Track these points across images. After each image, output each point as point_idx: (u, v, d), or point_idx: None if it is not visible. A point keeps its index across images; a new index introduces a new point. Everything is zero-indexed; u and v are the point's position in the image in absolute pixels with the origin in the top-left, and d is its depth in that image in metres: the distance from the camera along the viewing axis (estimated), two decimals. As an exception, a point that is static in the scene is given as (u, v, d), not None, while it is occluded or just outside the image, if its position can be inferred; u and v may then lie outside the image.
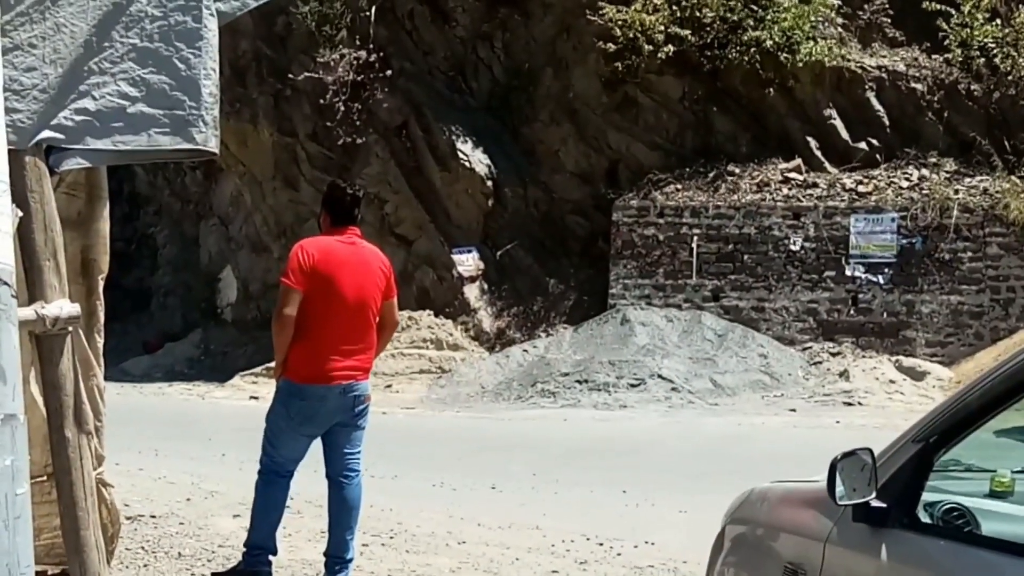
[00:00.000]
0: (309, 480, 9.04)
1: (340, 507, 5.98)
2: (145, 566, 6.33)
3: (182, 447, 10.91)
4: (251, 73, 19.25)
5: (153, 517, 7.48)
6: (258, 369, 17.37)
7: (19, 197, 2.81)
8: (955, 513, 2.95)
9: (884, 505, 2.88)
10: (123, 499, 5.55)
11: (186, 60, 3.07)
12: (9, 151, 2.65)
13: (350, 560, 5.98)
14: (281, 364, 5.95)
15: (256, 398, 15.92)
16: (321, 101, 18.48)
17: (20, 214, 2.78)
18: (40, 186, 3.00)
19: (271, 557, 5.94)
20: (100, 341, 4.31)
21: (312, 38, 18.51)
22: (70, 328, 3.13)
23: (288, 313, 5.78)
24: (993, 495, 3.23)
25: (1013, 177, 16.41)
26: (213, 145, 3.13)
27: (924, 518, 2.90)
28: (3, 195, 2.58)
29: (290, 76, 18.74)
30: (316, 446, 6.08)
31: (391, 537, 7.33)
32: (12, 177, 2.66)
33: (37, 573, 2.65)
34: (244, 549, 5.96)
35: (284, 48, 19.06)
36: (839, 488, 2.91)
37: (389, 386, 15.88)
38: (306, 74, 18.47)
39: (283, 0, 17.70)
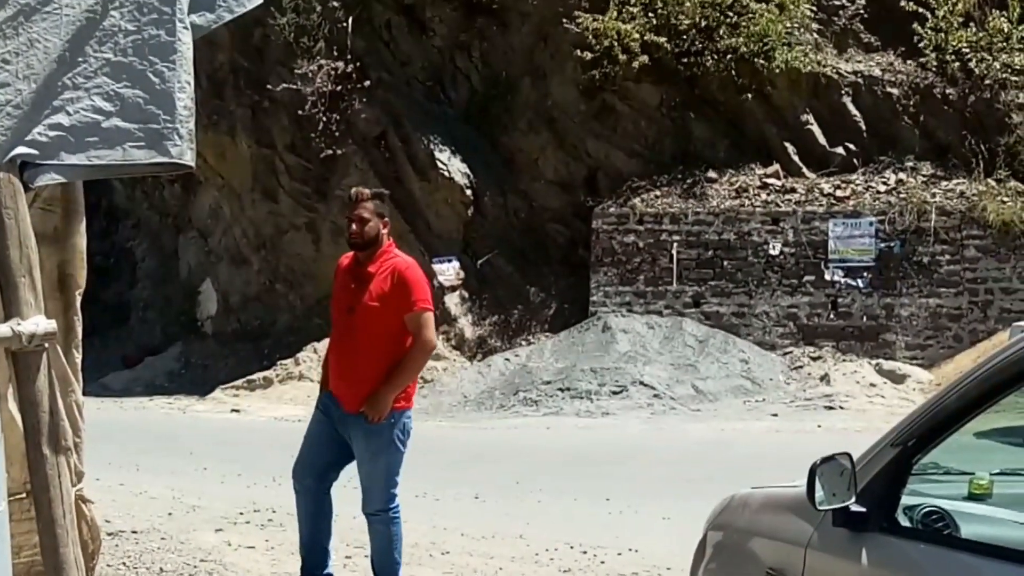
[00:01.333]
0: (289, 492, 9.05)
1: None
2: (127, 582, 6.32)
3: (163, 461, 10.86)
4: (228, 85, 19.21)
5: (134, 532, 7.45)
6: (239, 382, 17.33)
7: (-7, 213, 2.80)
8: (934, 516, 2.97)
9: (864, 509, 2.90)
10: (104, 515, 5.52)
11: (160, 74, 3.06)
12: (-17, 167, 2.64)
13: None
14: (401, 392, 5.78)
15: (237, 411, 15.88)
16: (299, 112, 18.46)
17: (-5, 230, 2.77)
18: (14, 202, 2.99)
19: None
20: (78, 356, 4.28)
21: (289, 49, 18.50)
22: (47, 344, 3.11)
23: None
24: (972, 498, 3.25)
25: (990, 180, 16.50)
26: (189, 158, 3.12)
27: (904, 522, 2.92)
28: (-23, 211, 2.58)
29: (268, 87, 18.72)
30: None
31: (348, 556, 7.31)
32: (-14, 194, 2.65)
33: (17, 592, 2.64)
34: None
35: (261, 60, 19.04)
36: (819, 493, 2.93)
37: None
38: (284, 85, 18.45)
39: (260, 12, 17.65)
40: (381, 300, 5.61)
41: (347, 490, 6.22)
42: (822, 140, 17.27)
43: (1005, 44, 16.74)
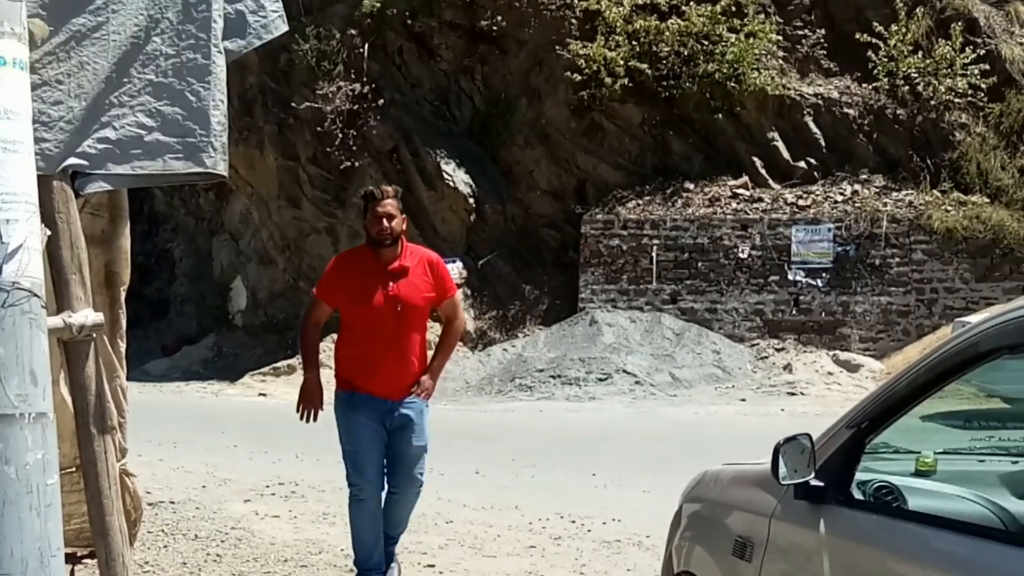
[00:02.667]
0: (311, 467, 9.05)
1: None
2: (165, 547, 6.30)
3: (198, 439, 10.88)
4: (257, 104, 19.22)
5: (172, 503, 7.47)
6: (266, 369, 17.33)
7: (47, 218, 2.79)
8: (885, 490, 2.97)
9: (822, 484, 2.90)
10: (144, 487, 5.53)
11: (197, 93, 3.06)
12: (38, 177, 2.64)
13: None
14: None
15: (264, 395, 15.89)
16: (320, 128, 18.47)
17: (48, 233, 2.77)
18: (66, 208, 2.99)
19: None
20: (123, 346, 4.28)
21: (312, 72, 18.51)
22: (94, 335, 3.11)
23: None
24: (918, 474, 3.24)
25: (935, 191, 16.54)
26: (222, 169, 3.12)
27: (857, 495, 2.91)
28: (33, 216, 2.57)
29: (292, 106, 18.73)
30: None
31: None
32: (41, 200, 2.65)
33: (67, 555, 2.64)
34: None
35: (287, 81, 19.04)
36: (782, 469, 2.93)
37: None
38: (306, 104, 18.46)
39: (285, 38, 17.66)
40: (426, 291, 5.25)
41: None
42: (786, 155, 17.28)
43: (949, 70, 16.76)
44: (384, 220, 5.14)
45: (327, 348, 8.09)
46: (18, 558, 2.43)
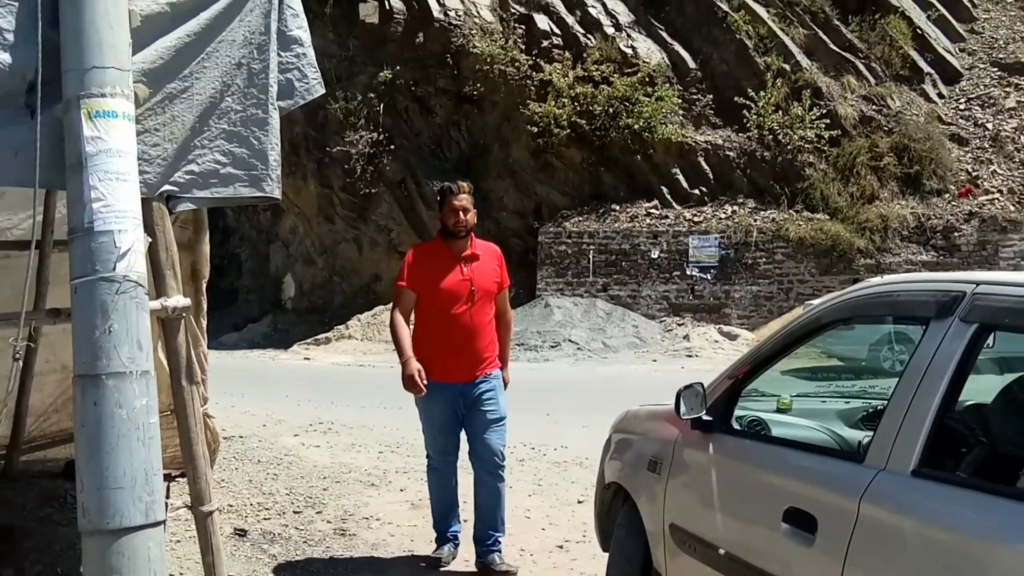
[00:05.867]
0: (342, 411, 9.01)
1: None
2: (236, 469, 6.28)
3: (259, 391, 10.82)
4: (302, 147, 19.10)
5: (241, 437, 7.43)
6: (309, 340, 17.23)
7: (148, 229, 2.77)
8: (755, 423, 3.00)
9: (711, 419, 2.92)
10: (221, 425, 5.51)
11: (258, 138, 3.04)
12: (142, 199, 2.63)
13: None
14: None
15: (308, 359, 15.82)
16: (347, 165, 18.40)
17: (149, 240, 2.75)
18: (163, 222, 2.96)
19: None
20: (204, 323, 4.25)
21: (342, 124, 18.42)
22: (183, 314, 3.09)
23: None
24: (779, 411, 3.29)
25: (791, 211, 16.69)
26: (277, 194, 3.10)
27: (736, 426, 2.95)
28: (138, 228, 2.55)
29: (327, 149, 18.64)
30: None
31: (380, 452, 7.28)
32: (144, 216, 2.64)
33: (164, 475, 2.62)
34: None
35: (323, 131, 18.92)
36: (682, 408, 2.94)
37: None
38: (338, 148, 18.38)
39: (321, 99, 17.56)
40: (496, 277, 4.39)
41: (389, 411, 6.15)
42: (685, 185, 17.38)
43: (801, 124, 16.89)
44: (460, 213, 4.27)
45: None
46: (129, 476, 2.42)
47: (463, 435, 4.40)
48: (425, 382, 4.12)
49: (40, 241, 3.72)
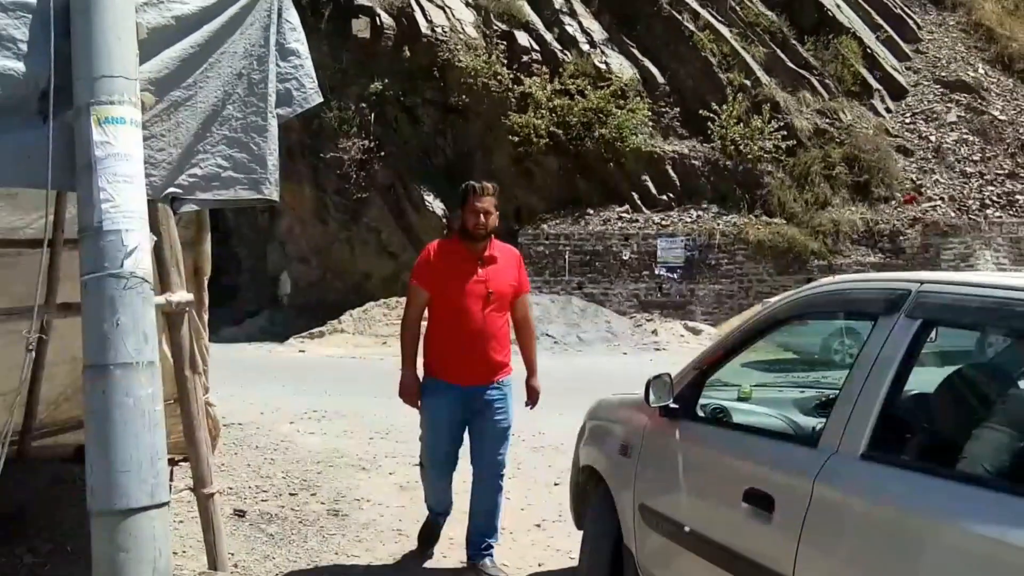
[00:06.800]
0: (335, 400, 8.96)
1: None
2: (235, 454, 6.24)
3: (257, 381, 10.74)
4: (298, 153, 18.92)
5: (240, 424, 7.37)
6: (304, 334, 17.08)
7: (154, 228, 2.75)
8: (718, 410, 3.01)
9: (677, 407, 2.92)
10: (221, 413, 5.46)
11: (258, 144, 3.03)
12: (148, 200, 2.61)
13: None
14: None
15: (303, 351, 15.71)
16: (340, 171, 18.25)
17: (155, 238, 2.73)
18: (167, 222, 2.95)
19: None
20: (205, 317, 4.23)
21: (335, 132, 18.27)
22: (187, 309, 3.07)
23: None
24: (740, 399, 3.30)
25: (751, 215, 16.76)
26: (275, 196, 3.09)
27: (700, 413, 2.95)
28: (144, 227, 2.54)
29: (321, 155, 18.49)
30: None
31: (371, 438, 7.25)
32: (150, 216, 2.62)
33: (168, 459, 2.60)
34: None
35: (318, 138, 18.76)
36: (651, 396, 2.94)
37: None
38: (332, 154, 18.24)
39: (317, 108, 17.38)
40: (513, 280, 4.00)
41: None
42: (654, 191, 17.40)
43: (760, 135, 16.97)
44: (481, 215, 3.88)
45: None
46: (135, 460, 2.40)
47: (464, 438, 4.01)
48: (418, 404, 3.87)
49: (51, 239, 3.67)
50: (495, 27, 18.36)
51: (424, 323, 3.98)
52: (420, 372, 3.98)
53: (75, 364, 4.52)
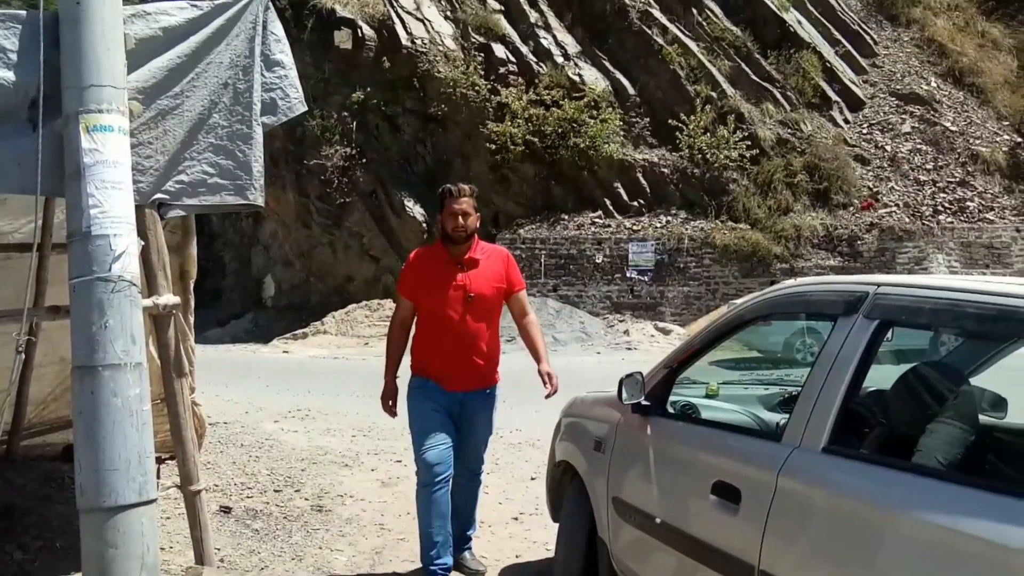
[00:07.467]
0: (318, 399, 8.90)
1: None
2: (221, 452, 6.17)
3: (242, 382, 10.65)
4: (282, 160, 18.81)
5: (225, 423, 7.31)
6: (287, 336, 16.98)
7: (141, 233, 2.72)
8: (687, 407, 3.03)
9: (649, 403, 2.93)
10: (207, 413, 5.41)
11: (243, 151, 3.00)
12: (136, 206, 2.58)
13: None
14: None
15: (287, 352, 15.59)
16: (323, 177, 18.16)
17: (142, 243, 2.70)
18: (155, 227, 2.92)
19: None
20: (191, 319, 4.17)
21: (318, 139, 18.18)
22: (173, 311, 3.04)
23: None
24: (708, 396, 3.32)
25: (717, 221, 16.90)
26: (260, 202, 3.07)
27: (671, 410, 2.96)
28: (132, 232, 2.51)
29: (305, 162, 18.38)
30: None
31: (353, 435, 7.21)
32: (137, 221, 2.59)
33: (155, 458, 2.57)
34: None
35: (302, 145, 18.66)
36: (624, 394, 2.95)
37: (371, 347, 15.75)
38: (315, 161, 18.13)
39: (300, 117, 17.29)
40: (498, 282, 3.82)
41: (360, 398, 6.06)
42: (625, 198, 17.49)
43: (726, 144, 17.11)
44: (460, 217, 3.71)
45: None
46: (123, 459, 2.38)
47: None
48: (395, 414, 3.73)
49: (40, 244, 3.63)
50: (473, 40, 18.37)
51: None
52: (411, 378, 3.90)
53: (63, 365, 4.46)
